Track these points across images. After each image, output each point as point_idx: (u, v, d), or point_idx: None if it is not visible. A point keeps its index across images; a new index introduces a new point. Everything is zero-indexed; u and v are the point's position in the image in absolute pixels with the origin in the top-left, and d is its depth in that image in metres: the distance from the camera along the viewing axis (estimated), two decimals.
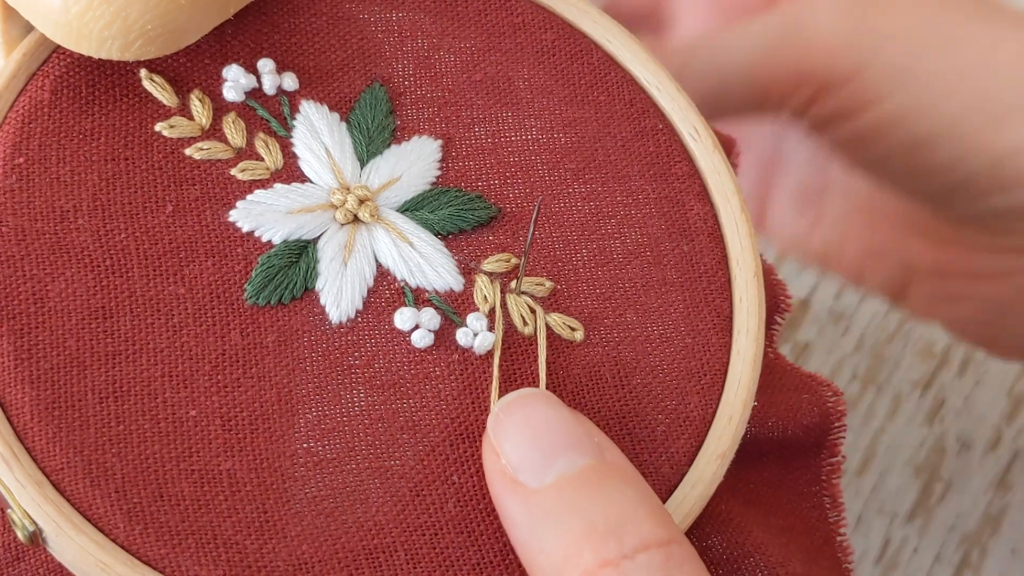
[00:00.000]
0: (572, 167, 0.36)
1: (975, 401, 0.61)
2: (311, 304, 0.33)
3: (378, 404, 0.32)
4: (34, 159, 0.33)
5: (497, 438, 0.30)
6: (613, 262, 0.35)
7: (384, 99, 0.35)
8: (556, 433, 0.30)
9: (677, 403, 0.33)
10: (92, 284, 0.32)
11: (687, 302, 0.35)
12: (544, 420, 0.30)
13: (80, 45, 0.32)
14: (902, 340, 0.62)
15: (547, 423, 0.30)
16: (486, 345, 0.33)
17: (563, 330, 0.34)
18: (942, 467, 0.59)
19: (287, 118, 0.35)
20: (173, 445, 0.31)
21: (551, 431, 0.30)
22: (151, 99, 0.34)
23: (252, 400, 0.31)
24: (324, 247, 0.33)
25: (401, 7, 0.37)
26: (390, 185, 0.34)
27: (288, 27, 0.36)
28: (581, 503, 0.29)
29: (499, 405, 0.31)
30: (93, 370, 0.31)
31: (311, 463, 0.31)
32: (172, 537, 0.30)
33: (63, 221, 0.32)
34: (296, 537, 0.30)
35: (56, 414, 0.30)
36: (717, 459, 0.33)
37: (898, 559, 0.57)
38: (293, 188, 0.34)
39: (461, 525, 0.31)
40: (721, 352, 0.34)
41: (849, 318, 0.62)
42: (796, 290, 0.62)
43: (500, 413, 0.31)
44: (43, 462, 0.30)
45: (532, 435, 0.30)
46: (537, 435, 0.30)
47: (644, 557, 0.28)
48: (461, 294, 0.34)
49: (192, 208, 0.33)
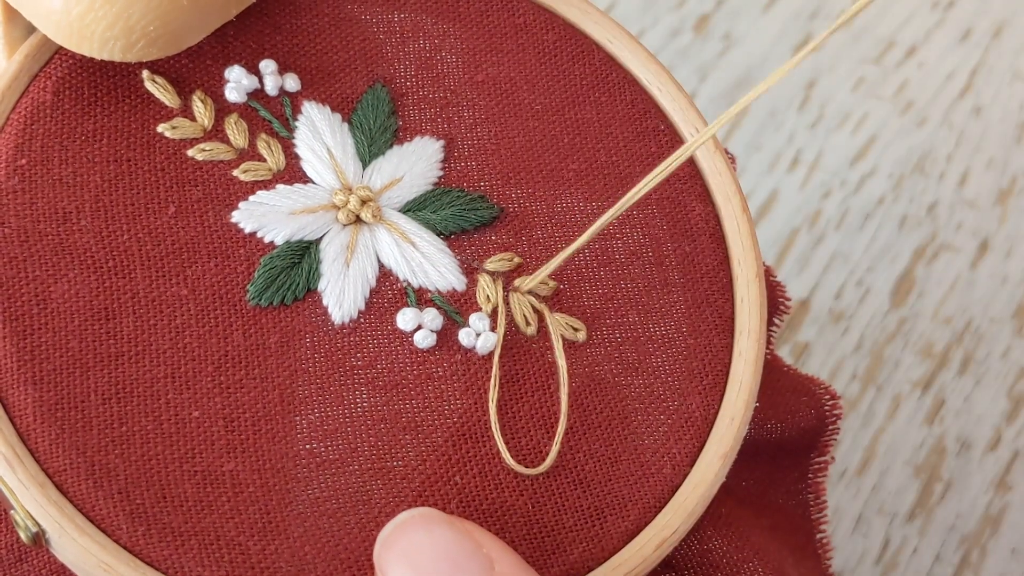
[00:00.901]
0: (574, 167, 0.36)
1: (975, 401, 0.61)
2: (313, 305, 0.33)
3: (380, 405, 0.32)
4: (37, 160, 0.33)
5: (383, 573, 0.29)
6: (615, 262, 0.35)
7: (386, 100, 0.35)
8: (438, 560, 0.29)
9: (679, 404, 0.34)
10: (95, 285, 0.32)
11: (689, 303, 0.35)
12: (424, 548, 0.29)
13: (82, 46, 0.32)
14: (902, 340, 0.62)
15: (428, 551, 0.29)
16: (488, 346, 0.33)
17: (566, 330, 0.34)
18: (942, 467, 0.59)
19: (289, 119, 0.35)
20: (176, 446, 0.31)
21: (432, 560, 0.29)
22: (153, 100, 0.34)
23: (255, 401, 0.31)
24: (326, 248, 0.33)
25: (403, 8, 0.37)
26: (392, 185, 0.35)
27: (290, 28, 0.36)
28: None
29: (380, 539, 0.30)
30: (96, 371, 0.31)
31: (314, 464, 0.31)
32: (175, 538, 0.30)
33: (66, 222, 0.32)
34: (299, 538, 0.30)
35: (59, 415, 0.30)
36: (719, 460, 0.33)
37: (898, 559, 0.57)
38: (295, 189, 0.34)
39: None
40: (723, 353, 0.34)
41: (849, 318, 0.62)
42: (796, 290, 0.62)
43: (380, 549, 0.30)
44: (46, 463, 0.30)
45: (415, 570, 0.29)
46: (419, 569, 0.29)
47: None
48: (464, 294, 0.34)
49: (194, 209, 0.33)
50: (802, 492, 0.39)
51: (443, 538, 0.29)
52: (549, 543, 0.31)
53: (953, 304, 0.63)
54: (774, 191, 0.65)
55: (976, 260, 0.64)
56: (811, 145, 0.66)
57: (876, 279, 0.63)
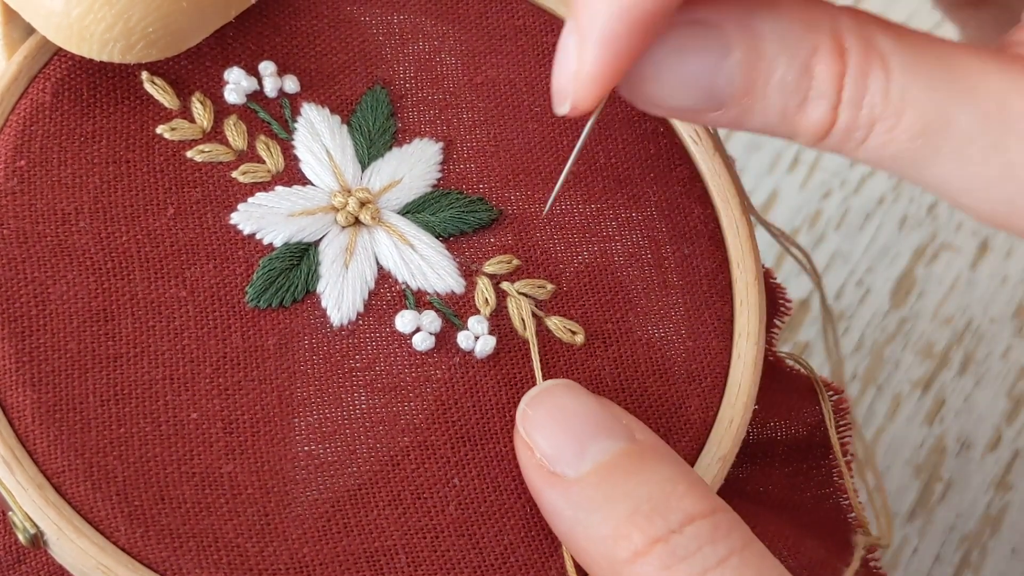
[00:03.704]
0: (573, 168, 0.36)
1: (975, 401, 0.61)
2: (312, 307, 0.33)
3: (379, 407, 0.32)
4: (36, 162, 0.33)
5: (528, 432, 0.31)
6: (614, 264, 0.35)
7: (385, 101, 0.35)
8: (585, 421, 0.31)
9: (678, 406, 0.34)
10: (93, 287, 0.32)
11: (688, 305, 0.35)
12: (571, 409, 0.31)
13: (82, 48, 0.32)
14: (902, 340, 0.62)
15: (574, 412, 0.31)
16: (487, 349, 0.33)
17: (564, 333, 0.34)
18: (942, 467, 0.59)
19: (288, 120, 0.35)
20: (174, 448, 0.31)
21: (579, 419, 0.31)
22: (152, 102, 0.34)
23: (253, 403, 0.31)
24: (325, 250, 0.33)
25: (403, 10, 0.37)
26: (391, 187, 0.34)
27: (289, 30, 0.36)
28: (621, 487, 0.30)
29: (525, 400, 0.31)
30: (94, 373, 0.31)
31: (312, 466, 0.31)
32: (173, 540, 0.30)
33: (64, 224, 0.32)
34: (297, 540, 0.30)
35: (57, 417, 0.30)
36: (718, 462, 0.33)
37: (898, 559, 0.57)
38: (294, 191, 0.34)
39: (462, 528, 0.31)
40: (722, 355, 0.34)
41: (849, 318, 0.62)
42: (796, 290, 0.62)
43: (527, 408, 0.31)
44: (44, 465, 0.30)
45: (562, 426, 0.31)
46: (567, 425, 0.31)
47: (692, 529, 0.29)
48: (462, 296, 0.34)
49: (193, 211, 0.33)
50: (831, 496, 0.39)
51: (588, 402, 0.31)
52: (548, 546, 0.31)
53: (953, 304, 0.63)
54: (774, 191, 0.65)
55: (976, 260, 0.64)
56: None
57: (876, 279, 0.63)
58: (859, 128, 0.30)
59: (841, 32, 0.30)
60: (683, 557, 0.29)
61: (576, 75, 0.29)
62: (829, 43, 0.30)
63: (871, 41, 0.30)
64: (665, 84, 0.30)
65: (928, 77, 0.29)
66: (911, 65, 0.30)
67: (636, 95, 0.31)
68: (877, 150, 0.30)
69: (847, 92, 0.30)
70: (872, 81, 0.30)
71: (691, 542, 0.29)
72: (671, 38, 0.30)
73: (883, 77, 0.30)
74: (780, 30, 0.30)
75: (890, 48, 0.30)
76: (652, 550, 0.29)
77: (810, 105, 0.30)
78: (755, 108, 0.30)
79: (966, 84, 0.30)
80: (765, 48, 0.30)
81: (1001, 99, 0.29)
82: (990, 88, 0.30)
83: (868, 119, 0.30)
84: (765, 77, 0.30)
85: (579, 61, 0.29)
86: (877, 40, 0.30)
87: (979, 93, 0.29)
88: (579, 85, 0.29)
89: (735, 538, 0.29)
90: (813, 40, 0.30)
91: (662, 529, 0.29)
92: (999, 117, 0.29)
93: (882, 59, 0.30)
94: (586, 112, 0.30)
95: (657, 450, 0.31)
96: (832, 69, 0.30)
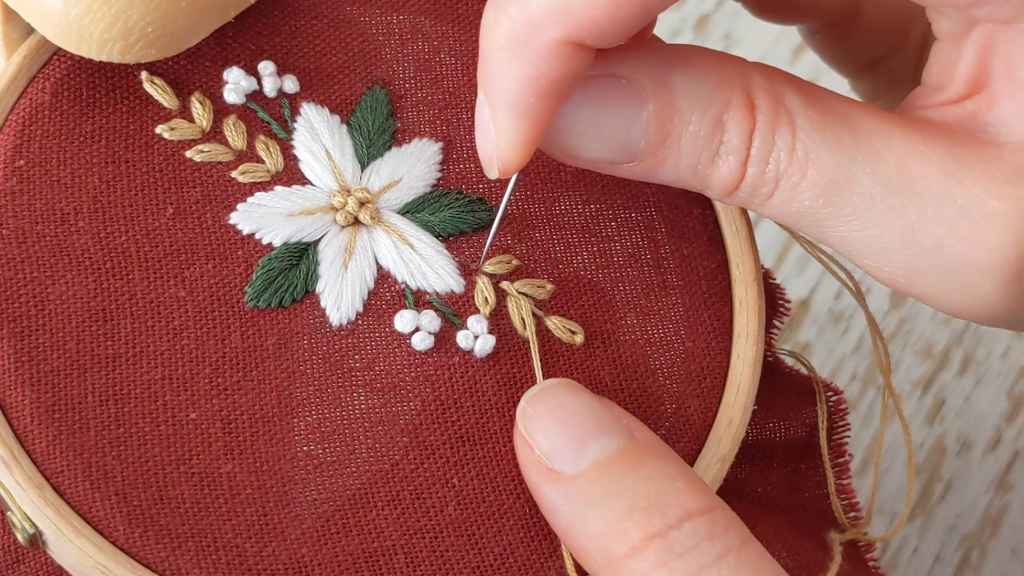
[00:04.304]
0: (572, 169, 0.36)
1: (975, 401, 0.61)
2: (312, 307, 0.33)
3: (378, 407, 0.32)
4: (35, 161, 0.33)
5: (528, 429, 0.31)
6: (613, 265, 0.35)
7: (385, 101, 0.35)
8: (584, 419, 0.31)
9: (677, 406, 0.33)
10: (93, 287, 0.32)
11: (687, 305, 0.35)
12: (571, 407, 0.31)
13: (81, 47, 0.32)
14: (902, 340, 0.62)
15: (575, 410, 0.31)
16: (487, 348, 0.33)
17: (563, 333, 0.34)
18: (942, 467, 0.59)
19: (288, 120, 0.35)
20: (173, 448, 0.31)
21: (579, 417, 0.31)
22: (152, 101, 0.34)
23: (252, 403, 0.31)
24: (325, 249, 0.33)
25: (402, 9, 0.36)
26: (391, 187, 0.34)
27: (289, 29, 0.36)
28: (619, 483, 0.30)
29: (526, 398, 0.32)
30: (93, 373, 0.31)
31: (311, 466, 0.31)
32: (172, 540, 0.30)
33: (64, 223, 0.32)
34: (296, 540, 0.30)
35: (56, 417, 0.30)
36: (717, 463, 0.33)
37: (898, 559, 0.57)
38: (294, 190, 0.34)
39: (461, 528, 0.31)
40: (721, 356, 0.34)
41: (849, 318, 0.62)
42: (796, 291, 0.62)
43: (527, 406, 0.31)
44: (43, 465, 0.30)
45: (561, 423, 0.31)
46: (566, 423, 0.31)
47: (689, 526, 0.29)
48: (462, 296, 0.34)
49: (193, 210, 0.33)
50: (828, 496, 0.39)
51: (588, 401, 0.31)
52: (547, 546, 0.31)
53: None
54: None
55: None
56: None
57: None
58: (765, 184, 0.31)
59: (752, 89, 0.31)
60: (680, 553, 0.29)
61: (496, 144, 0.30)
62: (741, 99, 0.30)
63: (780, 99, 0.30)
64: (580, 137, 0.31)
65: (833, 137, 0.30)
66: (817, 124, 0.30)
67: (551, 148, 0.32)
68: (782, 206, 0.31)
69: (755, 148, 0.30)
70: (779, 138, 0.30)
71: (688, 538, 0.29)
72: (585, 92, 0.31)
73: (790, 135, 0.30)
74: (694, 85, 0.30)
75: (798, 106, 0.30)
76: (649, 546, 0.29)
77: (721, 159, 0.31)
78: (668, 161, 0.31)
79: (869, 146, 0.30)
80: (679, 102, 0.30)
81: (902, 163, 0.30)
82: (892, 151, 0.30)
83: (774, 175, 0.30)
84: (679, 130, 0.31)
85: (496, 132, 0.30)
86: (786, 98, 0.30)
87: (881, 156, 0.30)
88: (501, 153, 0.30)
89: (733, 536, 0.29)
90: (726, 96, 0.30)
91: (659, 525, 0.29)
92: (900, 181, 0.30)
93: (789, 117, 0.30)
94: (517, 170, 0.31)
95: (656, 448, 0.31)
96: (742, 125, 0.30)
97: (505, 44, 0.29)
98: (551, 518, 0.31)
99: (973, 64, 0.30)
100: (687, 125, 0.30)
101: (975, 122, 0.30)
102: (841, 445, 0.39)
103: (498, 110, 0.30)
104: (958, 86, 0.31)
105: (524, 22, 0.28)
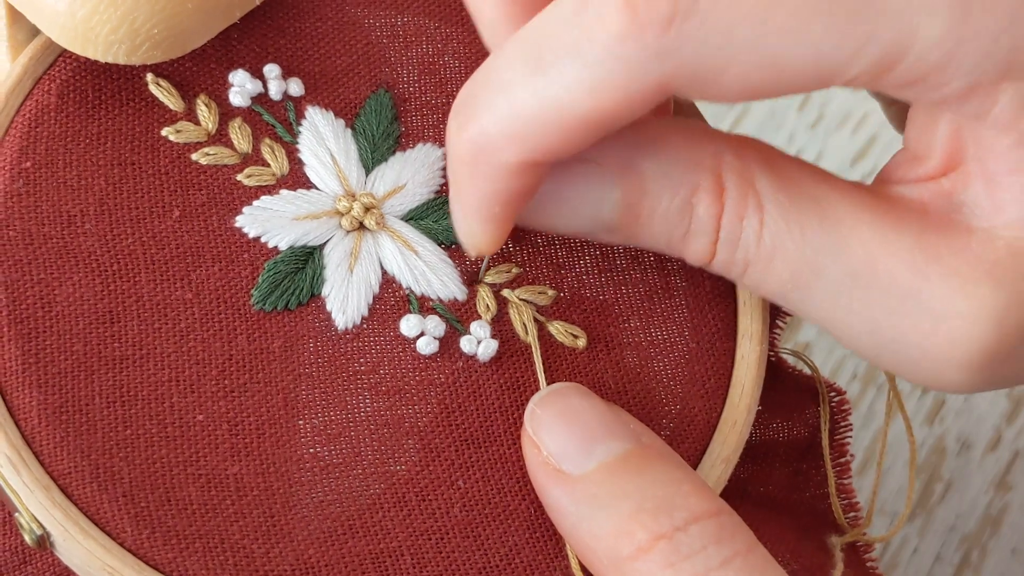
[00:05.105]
0: None
1: (975, 401, 0.61)
2: (317, 310, 0.33)
3: (383, 410, 0.32)
4: (41, 163, 0.33)
5: (536, 432, 0.31)
6: (616, 268, 0.35)
7: (389, 105, 0.36)
8: (592, 422, 0.31)
9: (681, 408, 0.34)
10: (99, 288, 0.32)
11: (691, 307, 0.35)
12: (579, 411, 0.31)
13: (86, 49, 0.32)
14: None
15: (583, 413, 0.31)
16: (490, 352, 0.33)
17: (566, 338, 0.34)
18: (942, 467, 0.60)
19: (293, 124, 0.35)
20: (180, 449, 0.31)
21: (587, 421, 0.31)
22: (157, 103, 0.34)
23: (259, 405, 0.32)
24: (330, 253, 0.33)
25: (406, 12, 0.37)
26: (395, 193, 0.35)
27: (294, 32, 0.36)
28: (626, 486, 0.30)
29: (534, 401, 0.32)
30: (100, 374, 0.31)
31: (317, 468, 0.31)
32: (179, 541, 0.30)
33: (70, 225, 0.32)
34: (302, 541, 0.30)
35: (63, 418, 0.30)
36: (721, 464, 0.33)
37: (898, 559, 0.57)
38: (299, 194, 0.34)
39: (467, 529, 0.31)
40: (725, 357, 0.34)
41: None
42: None
43: (536, 408, 0.32)
44: (50, 466, 0.30)
45: (569, 426, 0.31)
46: (574, 426, 0.31)
47: (696, 528, 0.29)
48: (464, 304, 0.34)
49: (199, 213, 0.33)
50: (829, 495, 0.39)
51: (596, 405, 0.31)
52: (552, 547, 0.31)
53: None
54: None
55: None
56: (811, 145, 0.66)
57: None
58: (735, 264, 0.31)
59: (723, 169, 0.31)
60: (687, 555, 0.29)
61: (471, 235, 0.31)
62: (710, 182, 0.31)
63: (751, 180, 0.31)
64: (554, 216, 0.32)
65: (799, 226, 0.30)
66: (786, 211, 0.31)
67: (527, 224, 0.33)
68: (755, 287, 0.32)
69: (723, 232, 0.31)
70: (747, 223, 0.31)
71: (695, 540, 0.29)
72: (556, 177, 0.31)
73: (757, 221, 0.31)
74: (663, 168, 0.31)
75: (768, 190, 0.31)
76: (655, 546, 0.29)
77: (692, 238, 0.32)
78: (641, 236, 0.32)
79: (837, 236, 0.30)
80: (648, 186, 0.31)
81: (870, 255, 0.30)
82: (861, 240, 0.30)
83: (743, 260, 0.31)
84: (649, 211, 0.31)
85: (466, 230, 0.31)
86: (756, 180, 0.31)
87: (850, 245, 0.30)
88: (477, 240, 0.31)
89: (739, 540, 0.30)
90: (694, 179, 0.31)
91: (666, 526, 0.29)
92: (866, 274, 0.30)
93: (758, 200, 0.31)
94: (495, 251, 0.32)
95: (663, 453, 0.31)
96: (711, 209, 0.31)
97: (468, 160, 0.30)
98: (557, 519, 0.31)
99: (948, 138, 0.30)
100: (657, 206, 0.31)
101: (950, 201, 0.31)
102: (843, 445, 0.39)
103: (466, 215, 0.31)
104: (935, 160, 0.31)
105: (483, 143, 0.29)
